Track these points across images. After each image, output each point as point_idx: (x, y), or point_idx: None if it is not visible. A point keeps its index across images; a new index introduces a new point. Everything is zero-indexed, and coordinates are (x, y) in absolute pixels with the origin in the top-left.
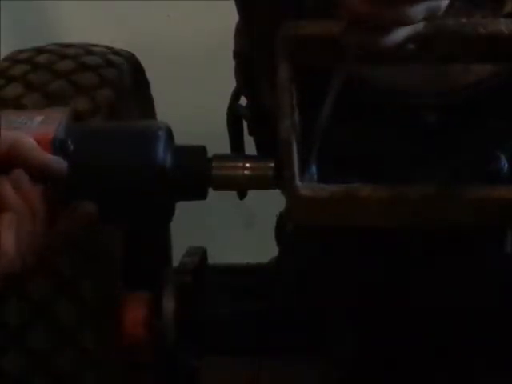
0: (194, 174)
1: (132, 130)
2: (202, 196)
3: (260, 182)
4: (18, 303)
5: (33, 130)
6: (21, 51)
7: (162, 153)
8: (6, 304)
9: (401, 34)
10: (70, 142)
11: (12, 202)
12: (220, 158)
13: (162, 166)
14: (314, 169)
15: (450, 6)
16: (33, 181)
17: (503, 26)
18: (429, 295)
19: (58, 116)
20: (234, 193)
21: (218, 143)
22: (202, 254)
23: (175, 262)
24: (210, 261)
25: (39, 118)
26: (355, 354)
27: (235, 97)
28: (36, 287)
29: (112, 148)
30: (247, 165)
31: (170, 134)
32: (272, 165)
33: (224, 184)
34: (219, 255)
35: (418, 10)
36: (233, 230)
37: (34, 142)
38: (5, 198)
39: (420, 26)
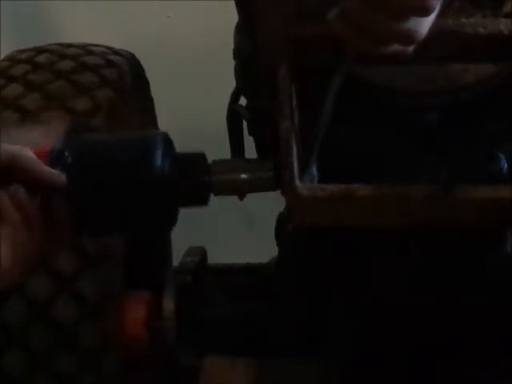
0: (194, 181)
1: (130, 140)
2: (204, 202)
3: (260, 185)
4: (18, 303)
5: (31, 143)
6: (21, 51)
7: (160, 161)
8: (5, 304)
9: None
10: (67, 154)
11: (9, 216)
12: (219, 163)
13: (161, 174)
14: (314, 169)
15: (449, 6)
16: (31, 194)
17: (503, 26)
18: (429, 295)
19: (57, 128)
20: None
21: (217, 143)
22: (202, 253)
23: (175, 262)
24: (210, 261)
25: (38, 131)
26: (355, 353)
27: (235, 97)
28: (36, 287)
29: (110, 158)
30: (247, 168)
31: (168, 142)
32: (272, 167)
33: (225, 189)
34: (219, 255)
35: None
36: (233, 230)
37: (34, 156)
38: (2, 212)
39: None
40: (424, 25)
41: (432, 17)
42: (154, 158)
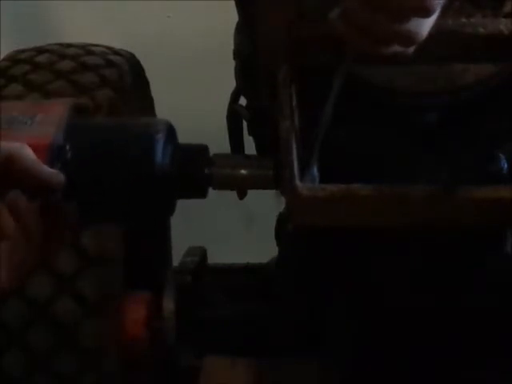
0: (194, 172)
1: (131, 130)
2: (202, 195)
3: (260, 182)
4: (18, 303)
5: (32, 133)
6: (21, 51)
7: (160, 152)
8: (5, 304)
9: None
10: (67, 148)
11: (7, 230)
12: (220, 157)
13: (161, 164)
14: (315, 169)
15: (449, 6)
16: (30, 195)
17: (503, 26)
18: (429, 295)
19: (59, 113)
20: (234, 192)
21: (217, 143)
22: (202, 253)
23: (175, 262)
24: (210, 261)
25: (40, 117)
26: (355, 353)
27: (235, 97)
28: (36, 287)
29: (110, 148)
30: (247, 164)
31: (170, 131)
32: (271, 165)
33: (224, 183)
34: (219, 255)
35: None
36: (233, 230)
37: (32, 155)
38: (1, 224)
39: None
40: (425, 26)
41: (433, 18)
42: (155, 149)
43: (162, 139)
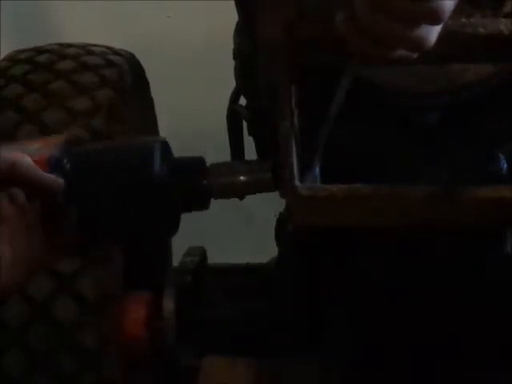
0: (193, 186)
1: (127, 147)
2: (205, 206)
3: (260, 187)
4: (18, 303)
5: (31, 152)
6: (21, 51)
7: (158, 167)
8: (6, 304)
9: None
10: (65, 161)
11: (8, 215)
12: (218, 167)
13: (159, 180)
14: (317, 170)
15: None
16: (31, 199)
17: (503, 26)
18: (428, 295)
19: (54, 142)
20: None
21: (217, 143)
22: (202, 253)
23: (175, 262)
24: (210, 261)
25: (38, 144)
26: (355, 353)
27: (235, 97)
28: (36, 287)
29: (107, 165)
30: (246, 171)
31: (166, 148)
32: (270, 168)
33: (224, 193)
34: (219, 255)
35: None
36: (233, 230)
37: (32, 163)
38: (2, 212)
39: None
40: (434, 32)
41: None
42: (151, 166)
43: (159, 153)
